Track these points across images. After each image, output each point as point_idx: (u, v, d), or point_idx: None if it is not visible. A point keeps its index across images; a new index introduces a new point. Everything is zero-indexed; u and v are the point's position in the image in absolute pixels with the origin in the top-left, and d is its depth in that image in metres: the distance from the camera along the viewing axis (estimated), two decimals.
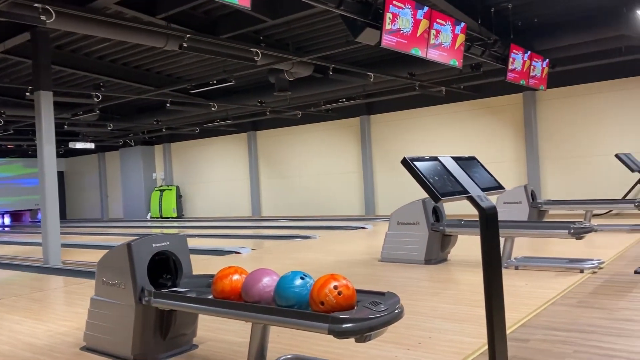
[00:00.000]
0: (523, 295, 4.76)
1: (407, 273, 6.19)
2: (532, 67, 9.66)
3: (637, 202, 8.42)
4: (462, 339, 3.59)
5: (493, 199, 10.39)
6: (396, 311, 2.68)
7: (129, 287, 3.44)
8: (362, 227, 12.15)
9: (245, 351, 3.59)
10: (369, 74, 10.58)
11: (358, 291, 2.88)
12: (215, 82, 11.13)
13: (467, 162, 2.69)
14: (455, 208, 10.92)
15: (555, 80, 11.85)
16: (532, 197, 9.82)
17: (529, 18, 9.62)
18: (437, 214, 6.99)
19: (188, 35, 7.75)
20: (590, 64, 11.34)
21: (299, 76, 10.68)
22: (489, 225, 2.31)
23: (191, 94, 13.17)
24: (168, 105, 12.92)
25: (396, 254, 7.00)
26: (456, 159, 2.62)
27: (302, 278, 2.72)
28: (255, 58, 8.53)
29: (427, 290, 5.22)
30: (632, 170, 5.44)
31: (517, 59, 9.15)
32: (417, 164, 2.34)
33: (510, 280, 5.47)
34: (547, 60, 10.26)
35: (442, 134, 14.80)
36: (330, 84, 11.96)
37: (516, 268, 6.04)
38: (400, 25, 6.22)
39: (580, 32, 9.29)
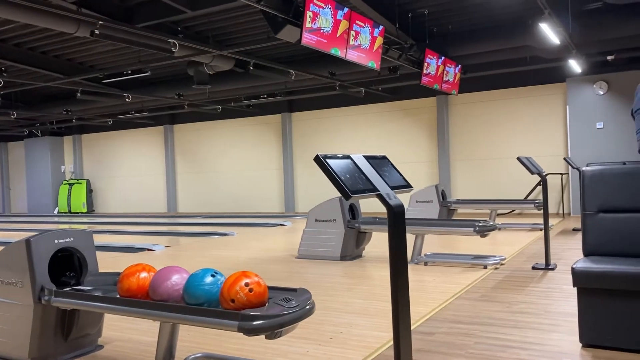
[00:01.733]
0: (431, 290, 4.97)
1: (323, 269, 6.27)
2: (445, 72, 10.09)
3: (537, 203, 9.04)
4: (372, 333, 3.69)
5: (404, 197, 10.77)
6: (307, 307, 2.71)
7: (27, 286, 3.23)
8: (281, 224, 12.16)
9: (154, 350, 3.49)
10: (290, 71, 10.60)
11: (270, 288, 2.88)
12: (129, 72, 10.70)
13: (379, 161, 2.76)
14: (374, 206, 11.18)
15: (466, 85, 12.49)
16: (443, 196, 10.28)
17: (444, 25, 10.05)
18: (353, 211, 7.13)
19: (101, 22, 7.38)
20: (498, 71, 12.03)
21: (219, 70, 10.51)
22: (396, 222, 2.38)
23: (104, 83, 12.57)
24: (78, 94, 12.25)
25: (313, 250, 7.07)
26: (368, 158, 2.68)
27: (212, 276, 2.67)
28: (173, 49, 8.29)
29: (341, 286, 5.32)
30: (532, 173, 5.82)
31: (432, 64, 9.52)
32: (330, 161, 2.37)
33: (420, 276, 5.70)
34: (460, 66, 10.76)
35: (361, 134, 15.11)
36: (251, 79, 11.87)
37: (425, 264, 6.30)
38: (320, 24, 6.28)
39: (490, 41, 9.81)
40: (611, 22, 8.62)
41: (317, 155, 2.32)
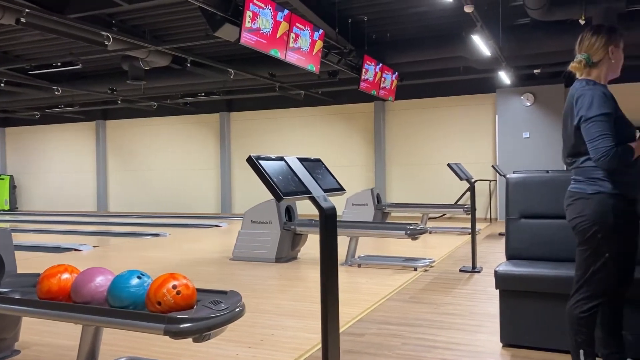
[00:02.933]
0: (362, 292, 5.05)
1: (257, 271, 6.23)
2: (382, 78, 10.30)
3: (466, 208, 9.38)
4: (303, 335, 3.71)
5: (339, 200, 10.90)
6: (237, 310, 2.68)
7: None
8: (217, 226, 11.99)
9: (74, 355, 3.35)
10: (229, 70, 10.48)
11: (199, 290, 2.82)
12: (59, 64, 10.22)
13: (312, 164, 2.77)
14: (312, 208, 11.21)
15: (403, 92, 12.77)
16: (378, 200, 10.48)
17: (382, 32, 10.26)
18: (290, 213, 7.13)
19: (27, 10, 7.01)
20: (433, 80, 12.42)
21: (155, 66, 10.23)
22: (327, 224, 2.40)
23: (31, 74, 11.94)
24: (2, 85, 11.57)
25: (248, 252, 7.01)
26: (302, 160, 2.69)
27: (139, 277, 2.59)
28: (106, 42, 7.99)
29: (275, 288, 5.31)
30: (461, 179, 6.04)
31: (370, 70, 9.69)
32: (263, 163, 2.36)
33: (353, 278, 5.77)
34: (397, 73, 11.02)
35: (300, 136, 15.15)
36: (189, 76, 11.63)
37: (359, 266, 6.39)
38: (260, 24, 6.25)
39: (426, 50, 10.12)
40: (538, 37, 9.10)
41: (249, 156, 2.30)
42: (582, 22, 7.63)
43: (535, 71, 11.15)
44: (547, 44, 9.02)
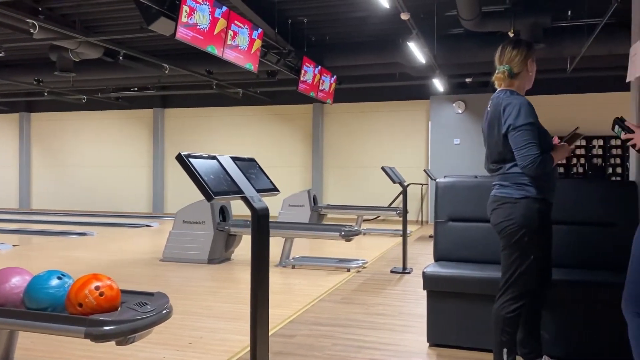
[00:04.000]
0: (295, 293, 5.05)
1: (188, 273, 6.09)
2: (321, 81, 10.36)
3: (399, 210, 9.60)
4: (233, 337, 3.66)
5: (275, 201, 10.85)
6: (164, 312, 2.60)
7: None
8: (147, 225, 11.63)
9: None
10: (164, 65, 10.20)
11: (124, 292, 2.72)
12: None
13: (246, 164, 2.74)
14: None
15: (341, 95, 12.87)
16: (314, 201, 10.53)
17: (322, 35, 10.32)
18: (224, 213, 7.03)
19: None
20: (371, 84, 12.63)
21: (86, 57, 9.80)
22: (260, 225, 2.38)
23: None
24: None
25: (179, 253, 6.84)
26: (235, 159, 2.65)
27: (59, 278, 2.47)
28: (32, 30, 7.57)
29: (206, 290, 5.21)
30: (394, 182, 6.18)
31: (309, 72, 9.72)
32: (193, 161, 2.30)
33: (286, 279, 5.77)
34: (335, 76, 11.12)
35: (238, 136, 14.98)
36: (122, 70, 11.22)
37: (293, 267, 6.38)
38: (197, 20, 6.12)
39: (364, 55, 10.27)
40: (470, 47, 9.45)
41: (179, 154, 2.24)
42: (511, 34, 8.00)
43: (467, 80, 11.58)
44: (479, 54, 9.38)
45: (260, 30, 7.66)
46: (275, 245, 6.75)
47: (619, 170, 11.89)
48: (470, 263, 3.59)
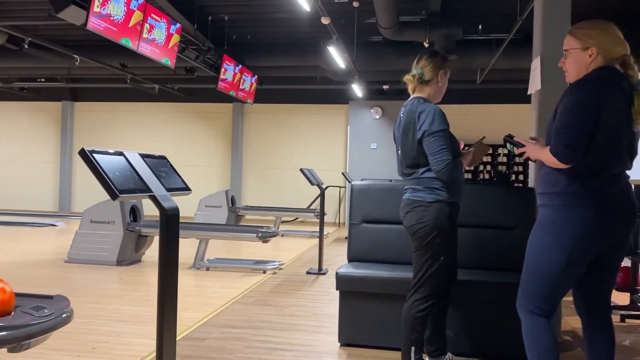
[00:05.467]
0: (208, 295, 4.94)
1: (95, 275, 5.80)
2: (242, 80, 10.25)
3: (317, 212, 9.68)
4: (139, 342, 3.52)
5: (192, 201, 10.59)
6: (64, 315, 2.44)
7: None
8: (53, 225, 10.95)
9: None
10: (75, 56, 9.65)
11: (20, 295, 2.53)
12: None
13: (156, 161, 2.64)
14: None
15: (262, 96, 12.78)
16: (232, 202, 10.39)
17: (243, 34, 10.21)
18: (135, 213, 6.76)
19: None
20: (292, 86, 12.66)
21: None
22: (168, 225, 2.30)
23: None
24: None
25: (86, 254, 6.49)
26: (144, 157, 2.55)
27: None
28: None
29: (113, 293, 4.98)
30: (312, 184, 6.23)
31: (229, 70, 9.58)
32: (98, 157, 2.19)
33: (200, 281, 5.64)
34: (256, 76, 11.04)
35: (154, 133, 14.48)
36: (27, 59, 10.48)
37: (207, 269, 6.25)
38: (111, 10, 5.85)
39: (286, 57, 10.28)
40: (388, 55, 9.73)
41: (82, 149, 2.12)
42: (426, 44, 8.33)
43: (384, 87, 11.91)
44: (396, 62, 9.66)
45: (178, 25, 7.46)
46: (190, 246, 6.60)
47: (521, 177, 12.71)
48: (383, 264, 3.68)
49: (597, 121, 2.16)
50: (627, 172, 2.31)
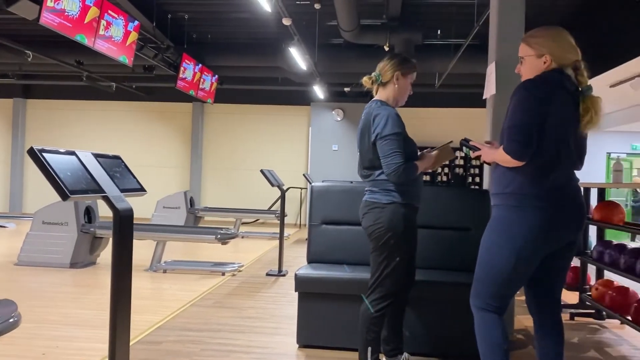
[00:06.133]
0: (165, 298, 4.86)
1: (47, 278, 5.61)
2: (202, 79, 10.12)
3: (277, 213, 9.65)
4: (92, 346, 3.42)
5: (151, 202, 10.38)
6: (10, 320, 2.37)
7: None
8: (2, 226, 10.55)
9: None
10: (27, 52, 9.32)
11: None
12: None
13: (110, 161, 2.58)
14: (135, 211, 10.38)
15: (223, 96, 12.65)
16: (191, 203, 10.24)
17: (203, 33, 10.10)
18: (89, 214, 6.58)
19: None
20: (253, 87, 12.58)
21: None
22: (122, 227, 2.25)
23: None
24: None
25: (37, 256, 6.28)
26: (97, 156, 2.48)
27: None
28: None
29: (66, 296, 4.83)
30: (272, 185, 6.20)
31: (189, 69, 9.45)
32: (48, 156, 2.12)
33: (157, 284, 5.53)
34: (217, 76, 10.93)
35: (111, 132, 14.13)
36: None
37: (164, 271, 6.14)
38: (65, 6, 5.68)
39: (247, 57, 10.21)
40: (349, 58, 9.80)
41: (31, 148, 2.05)
42: (386, 48, 8.43)
43: (346, 89, 11.97)
44: (357, 65, 9.73)
45: (136, 22, 7.31)
46: (147, 248, 6.48)
47: (477, 179, 13.01)
48: (342, 264, 3.70)
49: (542, 119, 2.23)
50: (577, 174, 2.40)
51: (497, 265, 2.33)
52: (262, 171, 6.25)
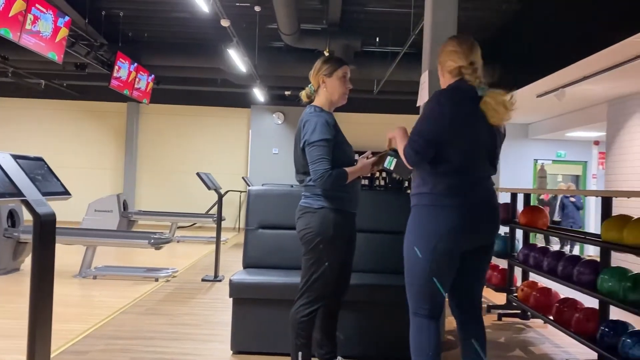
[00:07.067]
0: (94, 306, 4.67)
1: None
2: (137, 79, 9.83)
3: (215, 217, 9.50)
4: (13, 357, 3.23)
5: (82, 205, 9.95)
6: None
7: None
8: None
9: None
10: None
11: None
12: None
13: (32, 163, 2.45)
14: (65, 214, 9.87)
15: (159, 96, 12.33)
16: (124, 206, 9.91)
17: (140, 31, 9.81)
18: (13, 218, 6.23)
19: None
20: (191, 88, 12.33)
21: None
22: (43, 232, 2.14)
23: None
24: None
25: None
26: (17, 158, 2.35)
27: None
28: None
29: None
30: (209, 188, 6.10)
31: (123, 68, 9.15)
32: None
33: (86, 291, 5.31)
34: (153, 75, 10.64)
35: (40, 132, 13.45)
36: None
37: (94, 278, 5.90)
38: None
39: (185, 57, 10.00)
40: (290, 61, 9.79)
41: None
42: (326, 53, 8.49)
43: (286, 93, 11.98)
44: (297, 69, 9.75)
45: (67, 18, 7.01)
46: (77, 253, 6.21)
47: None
48: (278, 269, 3.67)
49: (442, 129, 2.33)
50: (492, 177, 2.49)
51: (417, 264, 2.38)
52: (198, 174, 6.14)
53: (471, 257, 2.44)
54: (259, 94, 11.58)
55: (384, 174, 13.28)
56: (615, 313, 3.34)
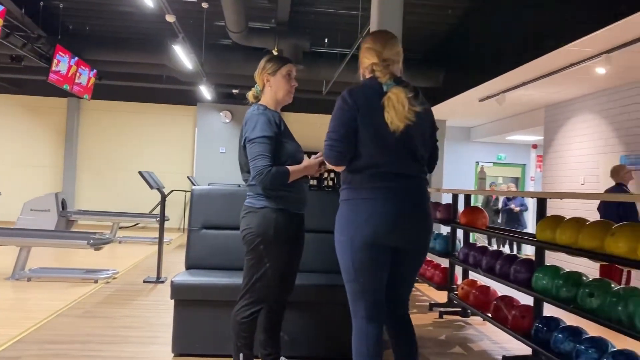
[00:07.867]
0: (28, 309, 4.46)
1: None
2: (78, 73, 9.48)
3: (158, 217, 9.27)
4: None
5: (17, 203, 9.50)
6: None
7: None
8: None
9: None
10: None
11: None
12: None
13: None
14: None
15: (101, 92, 11.91)
16: (63, 205, 9.52)
17: (81, 24, 9.47)
18: None
19: None
20: (135, 84, 11.98)
21: None
22: None
23: None
24: None
25: None
26: None
27: None
28: None
29: None
30: (152, 188, 5.96)
31: (63, 62, 8.80)
32: None
33: (20, 293, 5.07)
34: (95, 70, 10.29)
35: None
36: None
37: (29, 280, 5.64)
38: None
39: (129, 52, 9.70)
40: (237, 59, 9.68)
41: None
42: (275, 52, 8.46)
43: (234, 91, 11.85)
44: (245, 67, 9.64)
45: (1, 7, 6.67)
46: (11, 254, 5.92)
47: None
48: (222, 270, 3.62)
49: (352, 126, 2.33)
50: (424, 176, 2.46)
51: (343, 258, 2.38)
52: (140, 173, 5.98)
53: (399, 261, 2.41)
54: (205, 92, 11.40)
55: (332, 174, 13.36)
56: (550, 310, 3.48)
